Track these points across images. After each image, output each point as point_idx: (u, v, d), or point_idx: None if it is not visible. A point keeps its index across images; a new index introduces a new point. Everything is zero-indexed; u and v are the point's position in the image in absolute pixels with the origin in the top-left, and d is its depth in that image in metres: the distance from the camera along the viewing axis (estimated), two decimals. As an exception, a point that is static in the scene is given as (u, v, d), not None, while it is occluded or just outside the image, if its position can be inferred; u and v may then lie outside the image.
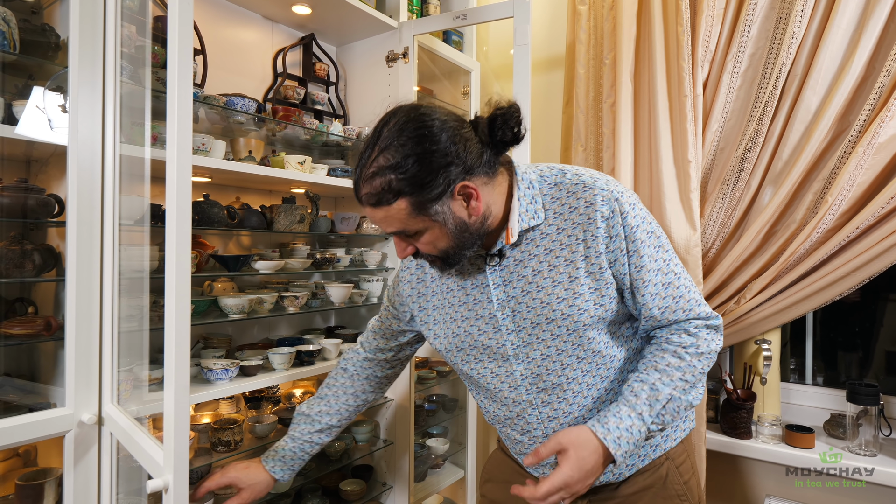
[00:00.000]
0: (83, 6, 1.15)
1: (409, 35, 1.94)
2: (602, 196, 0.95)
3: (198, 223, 1.45)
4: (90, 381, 1.17)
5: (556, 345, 0.99)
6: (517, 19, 1.75)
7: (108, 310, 1.19)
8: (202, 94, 1.46)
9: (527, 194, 0.98)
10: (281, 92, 1.90)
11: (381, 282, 2.02)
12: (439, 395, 2.43)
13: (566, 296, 0.96)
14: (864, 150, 1.51)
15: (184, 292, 0.88)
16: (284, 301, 1.66)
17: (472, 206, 0.92)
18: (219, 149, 1.49)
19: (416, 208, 0.89)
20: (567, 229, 0.96)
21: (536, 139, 2.27)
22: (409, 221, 0.91)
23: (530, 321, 0.99)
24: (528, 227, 0.97)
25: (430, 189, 0.88)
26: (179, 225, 0.88)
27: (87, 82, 1.17)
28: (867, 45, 1.53)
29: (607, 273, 0.96)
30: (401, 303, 1.19)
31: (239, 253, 1.83)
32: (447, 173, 0.88)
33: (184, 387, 0.87)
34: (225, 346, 1.69)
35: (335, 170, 1.81)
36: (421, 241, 0.95)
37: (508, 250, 1.00)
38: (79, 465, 1.16)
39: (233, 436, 1.50)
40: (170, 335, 0.87)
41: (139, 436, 1.02)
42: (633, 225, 0.95)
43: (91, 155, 1.17)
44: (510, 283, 1.00)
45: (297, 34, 2.01)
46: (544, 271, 0.97)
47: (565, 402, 1.03)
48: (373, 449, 2.01)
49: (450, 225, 0.92)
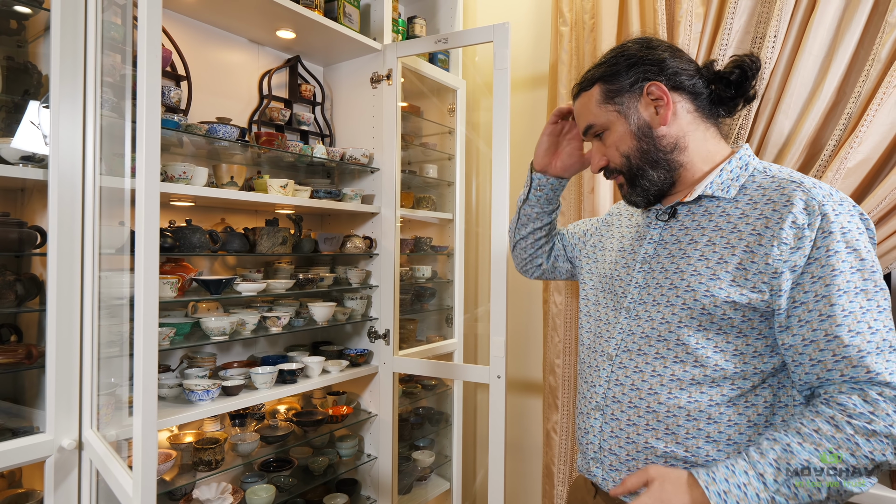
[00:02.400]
0: (64, 41, 1.19)
1: (392, 57, 1.97)
2: (805, 200, 0.83)
3: (179, 249, 1.49)
4: (70, 408, 1.21)
5: (665, 314, 0.92)
6: (496, 44, 1.78)
7: (88, 337, 1.22)
8: (184, 122, 1.50)
9: (734, 170, 0.93)
10: (266, 114, 1.93)
11: (365, 299, 2.05)
12: (425, 408, 2.46)
13: (704, 272, 0.89)
14: (833, 174, 1.53)
15: (151, 324, 0.91)
16: (267, 322, 1.69)
17: (661, 114, 0.94)
18: (201, 175, 1.52)
19: (605, 95, 0.97)
20: (751, 217, 0.88)
21: (522, 155, 2.30)
22: (597, 111, 0.99)
23: (657, 283, 0.95)
24: (710, 195, 0.93)
25: (621, 78, 0.96)
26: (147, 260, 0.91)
27: (67, 115, 1.21)
28: (837, 70, 1.56)
29: (760, 277, 0.84)
30: (581, 236, 1.26)
31: (225, 273, 1.87)
32: (641, 70, 0.95)
33: (151, 422, 0.90)
34: (209, 366, 1.72)
35: (318, 191, 1.84)
36: (608, 143, 0.99)
37: (683, 213, 0.97)
38: (59, 489, 1.19)
39: (214, 455, 1.53)
40: (138, 370, 0.90)
41: (112, 463, 1.05)
42: (834, 250, 0.80)
43: (71, 187, 1.21)
44: (664, 244, 0.98)
45: (284, 56, 2.05)
46: (700, 244, 0.92)
47: (640, 374, 0.94)
48: (357, 463, 2.04)
49: (633, 123, 0.96)
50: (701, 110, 0.97)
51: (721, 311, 0.87)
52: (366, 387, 2.10)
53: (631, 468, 0.94)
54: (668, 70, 0.95)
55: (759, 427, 0.88)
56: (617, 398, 0.97)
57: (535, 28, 2.32)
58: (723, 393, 0.88)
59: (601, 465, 0.99)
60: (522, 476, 2.35)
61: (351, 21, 1.94)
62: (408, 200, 2.25)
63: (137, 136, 0.91)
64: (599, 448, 0.99)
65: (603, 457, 0.98)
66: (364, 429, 2.11)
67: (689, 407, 0.89)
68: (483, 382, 1.77)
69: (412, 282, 2.29)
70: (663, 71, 0.95)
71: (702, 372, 0.89)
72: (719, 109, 0.98)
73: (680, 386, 0.90)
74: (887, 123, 1.50)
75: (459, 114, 2.34)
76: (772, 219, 0.85)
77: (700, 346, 0.89)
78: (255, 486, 1.69)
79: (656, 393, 0.92)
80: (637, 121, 0.96)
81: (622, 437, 0.95)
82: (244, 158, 1.88)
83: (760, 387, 0.88)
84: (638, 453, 0.93)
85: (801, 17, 1.63)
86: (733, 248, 0.88)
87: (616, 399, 0.97)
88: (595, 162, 1.03)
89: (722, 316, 0.87)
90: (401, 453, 2.30)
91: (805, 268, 0.82)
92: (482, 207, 2.50)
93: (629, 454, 0.94)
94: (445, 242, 2.49)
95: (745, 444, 0.87)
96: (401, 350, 2.10)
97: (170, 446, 1.61)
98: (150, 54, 0.90)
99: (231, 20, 1.79)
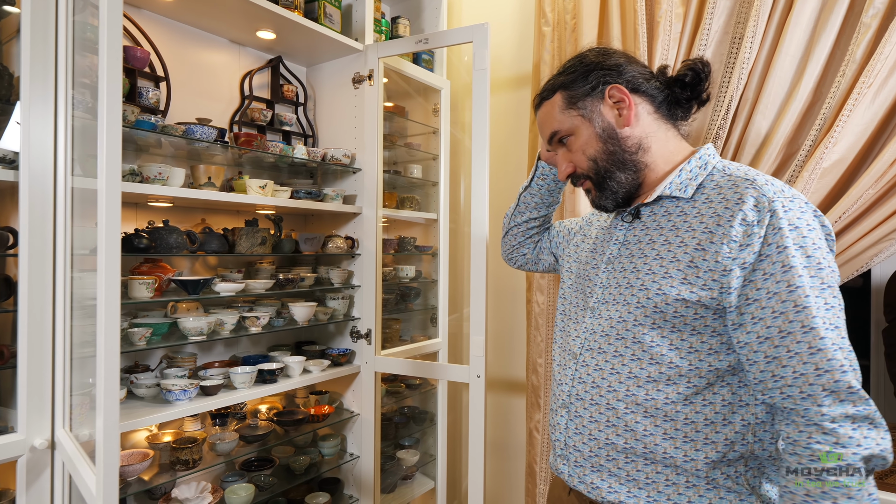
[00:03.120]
0: (34, 42, 1.20)
1: (374, 57, 1.98)
2: (756, 197, 0.84)
3: (155, 249, 1.49)
4: (42, 407, 1.22)
5: (622, 312, 0.94)
6: (476, 44, 1.78)
7: (60, 337, 1.23)
8: (161, 123, 1.50)
9: (692, 170, 0.95)
10: (248, 114, 1.94)
11: (347, 299, 2.06)
12: (410, 407, 2.47)
13: (657, 270, 0.91)
14: (809, 174, 1.54)
15: (112, 325, 0.92)
16: (246, 321, 1.70)
17: (624, 116, 0.97)
18: (177, 176, 1.53)
19: (567, 101, 1.00)
20: (705, 216, 0.89)
21: (506, 155, 2.31)
22: (561, 117, 1.00)
23: (617, 282, 0.97)
24: (669, 195, 0.95)
25: (582, 84, 0.99)
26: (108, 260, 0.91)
27: (38, 117, 1.21)
28: (814, 71, 1.56)
29: (710, 275, 0.85)
30: (566, 234, 1.27)
31: (206, 274, 1.87)
32: (601, 75, 0.98)
33: (113, 421, 0.91)
34: (189, 365, 1.73)
35: (298, 191, 1.85)
36: (573, 149, 1.01)
37: (645, 214, 0.99)
38: (31, 489, 1.20)
39: (191, 454, 1.54)
40: (99, 369, 0.91)
41: (80, 462, 1.06)
42: (783, 246, 0.81)
43: (43, 188, 1.22)
44: (627, 245, 1.00)
45: (266, 56, 2.06)
46: (658, 243, 0.94)
47: (600, 372, 0.96)
48: (340, 462, 2.05)
49: (597, 125, 0.98)
50: (660, 112, 1.00)
51: (673, 309, 0.88)
52: (348, 386, 2.10)
53: (594, 465, 0.96)
54: (626, 74, 0.98)
55: (716, 425, 0.88)
56: (580, 395, 0.99)
57: (519, 28, 2.32)
58: (678, 391, 0.89)
59: (567, 462, 1.01)
60: (506, 475, 2.36)
61: (332, 21, 1.94)
62: (391, 200, 2.25)
63: (98, 134, 0.92)
64: (565, 445, 1.01)
65: (568, 453, 1.00)
66: (347, 428, 2.11)
67: (646, 404, 0.91)
68: (463, 381, 1.78)
69: (396, 282, 2.30)
70: (622, 75, 0.98)
71: (657, 369, 0.90)
72: (677, 111, 1.02)
73: (637, 383, 0.92)
74: (862, 124, 1.50)
75: (444, 114, 2.34)
76: (723, 216, 0.86)
77: (655, 343, 0.90)
78: (233, 486, 1.69)
79: (615, 390, 0.94)
80: (602, 123, 0.98)
81: (585, 433, 0.97)
82: (225, 159, 1.88)
83: (718, 384, 0.89)
84: (599, 450, 0.95)
85: (778, 18, 1.64)
86: (686, 247, 0.89)
87: (579, 396, 0.99)
88: (562, 169, 1.04)
89: (674, 314, 0.88)
90: (385, 452, 2.31)
91: (756, 265, 0.83)
92: (468, 207, 2.50)
93: (591, 450, 0.96)
94: (430, 242, 2.49)
95: (702, 442, 0.88)
96: (384, 350, 2.11)
97: (148, 445, 1.61)
98: (110, 51, 0.90)
99: (210, 21, 1.79)
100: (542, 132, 1.06)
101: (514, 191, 2.26)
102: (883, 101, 1.49)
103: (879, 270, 1.75)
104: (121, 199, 0.92)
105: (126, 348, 1.45)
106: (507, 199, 2.30)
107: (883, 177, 1.47)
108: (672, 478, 0.89)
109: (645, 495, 0.90)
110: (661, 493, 0.90)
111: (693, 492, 0.89)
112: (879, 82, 1.47)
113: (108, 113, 0.90)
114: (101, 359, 0.91)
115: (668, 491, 0.89)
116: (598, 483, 0.95)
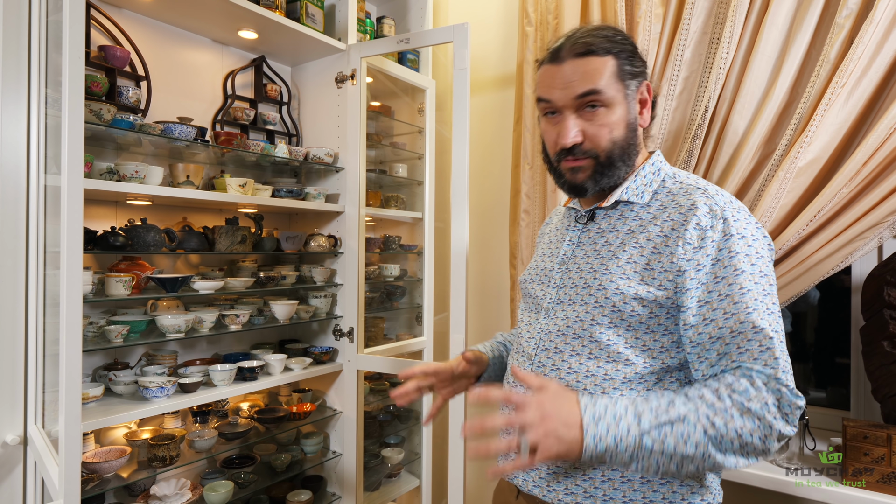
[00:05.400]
0: (7, 41, 1.21)
1: (356, 57, 1.99)
2: (710, 205, 0.89)
3: (132, 247, 1.50)
4: (14, 404, 1.23)
5: (579, 311, 0.95)
6: (456, 44, 1.79)
7: (32, 334, 1.24)
8: (139, 122, 1.51)
9: (647, 176, 0.98)
10: (231, 113, 1.95)
11: (330, 297, 2.06)
12: (395, 405, 2.47)
13: (614, 271, 0.92)
14: (784, 173, 1.54)
15: (74, 321, 0.93)
16: (226, 319, 1.71)
17: (643, 115, 0.98)
18: (155, 174, 1.54)
19: (619, 72, 0.93)
20: (659, 220, 0.92)
21: (491, 155, 2.31)
22: (608, 82, 0.92)
23: (572, 283, 0.98)
24: (626, 200, 0.97)
25: (633, 64, 0.95)
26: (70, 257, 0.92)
27: (10, 115, 1.22)
28: (790, 71, 1.57)
29: (666, 275, 0.88)
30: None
31: (187, 272, 1.88)
32: (644, 67, 0.97)
33: (75, 414, 0.92)
34: (170, 363, 1.74)
35: (280, 190, 1.86)
36: (598, 122, 0.93)
37: (601, 217, 1.01)
38: (3, 484, 1.21)
39: (168, 451, 1.54)
40: (62, 367, 0.92)
41: (47, 457, 1.07)
42: (736, 251, 0.85)
43: (15, 185, 1.23)
44: (581, 246, 1.01)
45: (249, 56, 2.07)
46: (613, 245, 0.95)
47: (556, 372, 0.96)
48: (322, 460, 2.06)
49: (631, 112, 0.95)
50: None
51: (630, 308, 0.90)
52: (331, 384, 2.11)
53: (550, 466, 0.96)
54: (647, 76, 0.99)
55: None
56: None
57: (504, 28, 2.33)
58: (632, 388, 0.90)
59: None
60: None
61: (314, 21, 1.95)
62: (376, 199, 2.26)
63: (62, 130, 0.93)
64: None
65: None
66: (329, 426, 2.12)
67: (602, 388, 0.92)
68: (442, 380, 1.78)
69: (381, 280, 2.30)
70: (647, 76, 0.98)
71: (614, 367, 0.91)
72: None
73: (594, 381, 0.92)
74: (836, 123, 1.50)
75: (429, 113, 2.35)
76: (678, 221, 0.90)
77: (611, 342, 0.92)
78: (213, 483, 1.70)
79: (573, 387, 0.94)
80: (633, 112, 0.96)
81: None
82: (207, 158, 1.89)
83: (667, 380, 0.91)
84: None
85: (755, 19, 1.64)
86: (642, 249, 0.92)
87: None
88: (570, 135, 0.93)
89: (631, 312, 0.90)
90: (370, 450, 2.31)
91: (710, 268, 0.86)
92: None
93: None
94: (415, 241, 2.50)
95: None
96: (368, 348, 2.12)
97: (126, 442, 1.62)
98: (72, 46, 0.91)
99: (192, 20, 1.80)
100: (574, 85, 0.92)
101: (500, 191, 2.27)
102: (856, 101, 1.49)
103: (859, 269, 1.75)
104: (83, 195, 0.92)
105: (103, 345, 1.46)
106: (492, 199, 2.30)
107: (857, 176, 1.48)
108: (627, 475, 0.90)
109: (601, 494, 0.91)
110: (616, 489, 0.90)
111: (647, 487, 0.89)
112: (853, 82, 1.47)
113: (70, 108, 0.90)
114: (62, 352, 0.92)
115: (624, 488, 0.90)
116: (555, 486, 0.94)
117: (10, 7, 1.20)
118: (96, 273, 1.51)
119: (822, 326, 1.98)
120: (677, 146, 1.76)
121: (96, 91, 1.52)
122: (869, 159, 1.45)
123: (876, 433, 1.39)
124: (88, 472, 1.37)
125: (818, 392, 1.92)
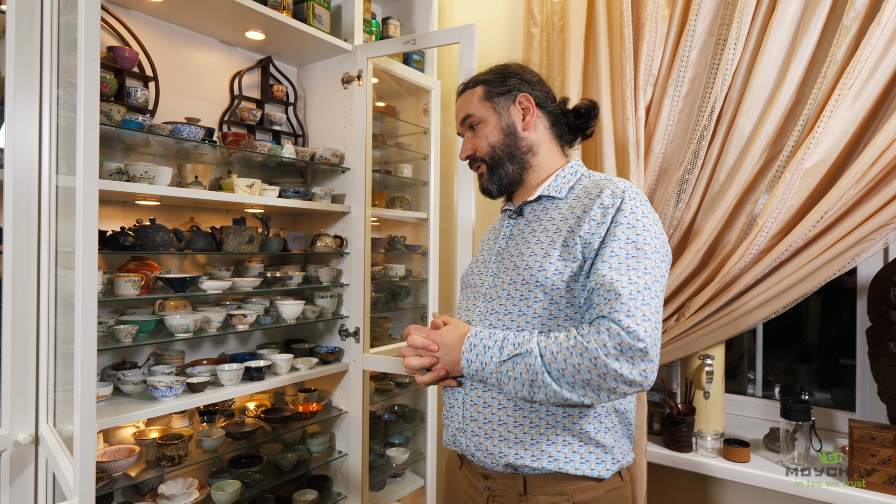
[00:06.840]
0: (19, 42, 1.21)
1: (362, 58, 1.99)
2: (612, 189, 1.05)
3: (141, 247, 1.51)
4: (27, 403, 1.23)
5: (510, 290, 1.09)
6: (462, 45, 1.80)
7: (44, 334, 1.24)
8: (148, 122, 1.51)
9: (566, 176, 1.17)
10: (237, 114, 1.95)
11: (336, 297, 2.07)
12: (400, 405, 2.48)
13: (538, 252, 1.07)
14: (791, 174, 1.55)
15: (89, 321, 0.93)
16: (233, 319, 1.71)
17: (526, 121, 1.17)
18: (164, 175, 1.54)
19: (486, 94, 1.19)
20: (575, 208, 1.09)
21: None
22: (477, 105, 1.19)
23: (505, 268, 1.13)
24: (547, 195, 1.15)
25: (500, 84, 1.19)
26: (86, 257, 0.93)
27: (23, 116, 1.23)
28: (796, 72, 1.57)
29: (577, 248, 1.02)
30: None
31: (195, 272, 1.89)
32: (518, 83, 1.19)
33: (90, 415, 0.92)
34: (177, 363, 1.74)
35: (286, 190, 1.86)
36: (478, 135, 1.19)
37: (527, 211, 1.19)
38: (15, 483, 1.22)
39: (177, 451, 1.55)
40: (77, 367, 0.92)
41: (60, 456, 1.07)
42: (621, 222, 1.00)
43: (28, 186, 1.23)
44: (513, 238, 1.18)
45: (255, 56, 2.07)
46: (538, 232, 1.12)
47: None
48: (328, 460, 2.06)
49: (503, 120, 1.18)
50: (553, 130, 1.23)
51: (551, 282, 1.03)
52: (337, 384, 2.12)
53: (488, 432, 1.07)
54: (536, 90, 1.21)
55: None
56: None
57: (509, 29, 2.33)
58: None
59: (465, 434, 1.12)
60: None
61: (321, 22, 1.95)
62: (381, 200, 2.27)
63: (77, 130, 0.93)
64: (463, 417, 1.12)
65: (466, 425, 1.11)
66: (335, 426, 2.13)
67: None
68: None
69: (386, 280, 2.31)
70: (533, 90, 1.20)
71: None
72: (566, 135, 1.25)
73: None
74: (843, 125, 1.51)
75: (434, 114, 2.35)
76: (588, 205, 1.06)
77: (537, 314, 1.05)
78: (220, 482, 1.71)
79: None
80: (507, 120, 1.18)
81: (480, 403, 1.09)
82: (214, 158, 1.90)
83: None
84: (493, 415, 1.07)
85: (761, 20, 1.65)
86: (560, 232, 1.07)
87: None
88: (464, 149, 1.23)
89: (551, 286, 1.03)
90: (375, 450, 2.32)
91: (602, 236, 1.01)
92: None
93: (486, 418, 1.08)
94: (420, 242, 2.50)
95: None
96: (373, 348, 2.12)
97: (134, 442, 1.63)
98: (87, 47, 0.91)
99: (199, 21, 1.81)
100: (458, 114, 1.24)
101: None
102: (864, 102, 1.50)
103: (865, 270, 1.75)
104: (98, 195, 0.93)
105: (112, 345, 1.47)
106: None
107: (864, 177, 1.48)
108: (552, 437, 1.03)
109: (530, 455, 1.03)
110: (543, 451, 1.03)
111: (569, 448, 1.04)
112: (860, 83, 1.48)
113: (85, 110, 0.91)
114: (77, 352, 0.93)
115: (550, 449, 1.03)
116: (491, 449, 1.06)
117: (22, 8, 1.20)
118: (105, 273, 1.52)
119: (825, 327, 1.98)
120: (683, 147, 1.76)
121: (105, 92, 1.52)
122: (876, 160, 1.45)
123: (883, 434, 1.40)
124: (98, 472, 1.37)
125: (823, 393, 1.93)
